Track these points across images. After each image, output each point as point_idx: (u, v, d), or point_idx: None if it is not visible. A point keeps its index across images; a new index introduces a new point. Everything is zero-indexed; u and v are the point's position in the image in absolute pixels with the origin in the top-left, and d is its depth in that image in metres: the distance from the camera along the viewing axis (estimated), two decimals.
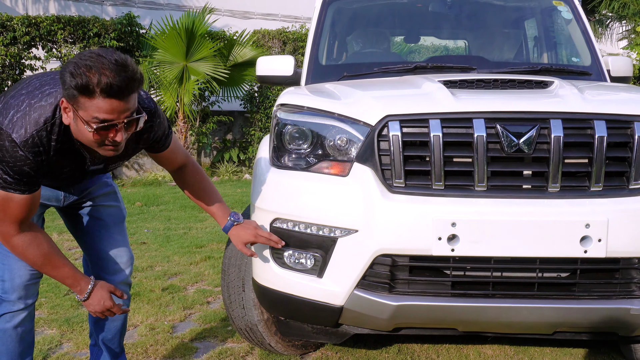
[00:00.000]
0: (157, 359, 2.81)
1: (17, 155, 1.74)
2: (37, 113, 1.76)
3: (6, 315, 2.07)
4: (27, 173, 1.78)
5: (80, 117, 1.68)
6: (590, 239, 2.00)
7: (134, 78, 1.67)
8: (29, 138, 1.74)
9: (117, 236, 2.30)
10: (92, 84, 1.61)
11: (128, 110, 1.70)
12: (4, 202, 1.81)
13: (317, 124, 2.29)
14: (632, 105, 2.13)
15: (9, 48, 8.85)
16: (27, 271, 2.06)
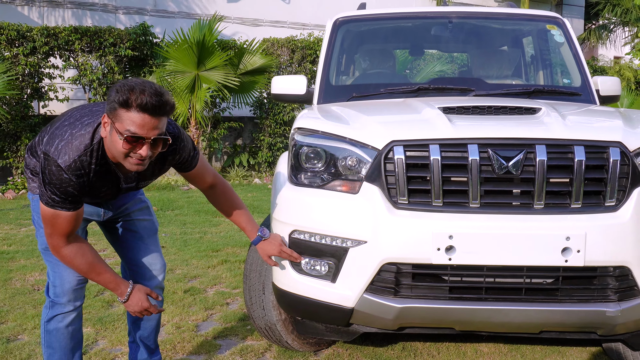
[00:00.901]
0: (185, 354, 3.11)
1: (62, 178, 2.03)
2: (78, 141, 2.06)
3: (58, 316, 2.37)
4: (71, 193, 2.07)
5: (115, 128, 1.97)
6: (570, 250, 2.29)
7: (167, 102, 1.98)
8: (72, 163, 2.04)
9: (151, 246, 2.60)
10: (131, 99, 1.93)
11: (157, 130, 2.00)
12: (53, 219, 2.11)
13: (331, 147, 2.58)
14: (607, 133, 2.42)
15: (28, 57, 9.19)
16: (74, 277, 2.36)
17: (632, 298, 2.36)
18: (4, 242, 5.78)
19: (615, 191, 2.35)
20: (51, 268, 2.36)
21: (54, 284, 2.36)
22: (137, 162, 2.04)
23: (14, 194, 8.94)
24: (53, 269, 2.36)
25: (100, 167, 2.12)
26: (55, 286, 2.36)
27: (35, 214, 2.35)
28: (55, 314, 2.38)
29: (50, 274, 2.37)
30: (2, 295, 4.07)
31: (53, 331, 2.38)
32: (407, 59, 7.57)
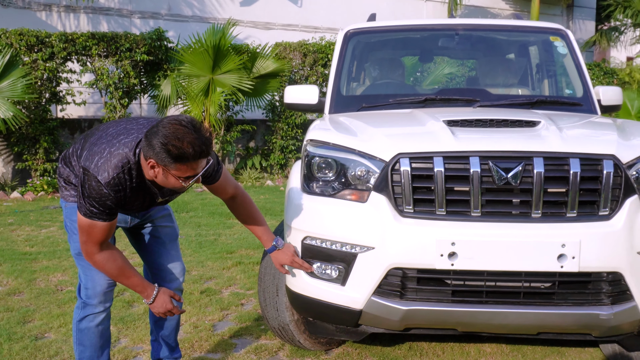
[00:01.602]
0: (203, 353, 3.29)
1: (102, 193, 2.22)
2: (116, 159, 2.24)
3: (89, 316, 2.56)
4: (109, 206, 2.26)
5: (172, 174, 2.16)
6: (565, 256, 2.44)
7: (210, 144, 2.16)
8: (111, 179, 2.22)
9: (172, 251, 2.79)
10: (188, 155, 2.10)
11: (205, 162, 2.23)
12: (89, 228, 2.29)
13: (341, 158, 2.74)
14: (602, 145, 2.57)
15: (47, 62, 9.43)
16: (105, 281, 2.54)
17: (624, 302, 2.51)
18: (26, 243, 6.00)
19: (609, 201, 2.50)
20: (83, 272, 2.54)
21: (86, 287, 2.54)
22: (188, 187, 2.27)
23: (33, 196, 9.18)
24: (85, 273, 2.54)
25: (137, 185, 2.31)
26: (87, 289, 2.54)
27: (68, 220, 2.54)
28: (87, 314, 2.56)
29: (83, 277, 2.56)
30: (28, 295, 4.27)
31: (84, 330, 2.56)
32: (416, 64, 7.72)
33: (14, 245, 5.87)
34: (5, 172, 9.94)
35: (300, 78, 11.50)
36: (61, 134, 10.17)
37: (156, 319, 2.84)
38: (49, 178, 9.56)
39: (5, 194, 9.24)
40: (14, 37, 9.23)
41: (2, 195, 9.13)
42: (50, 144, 9.61)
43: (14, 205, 8.55)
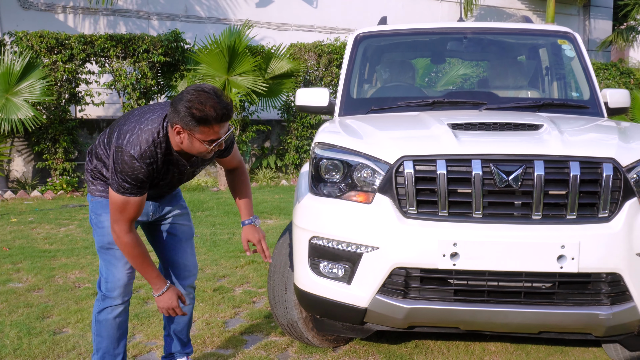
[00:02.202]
0: (214, 348, 3.39)
1: (135, 166, 2.35)
2: (146, 134, 2.39)
3: (108, 308, 2.67)
4: (141, 179, 2.39)
5: (197, 138, 2.33)
6: (565, 257, 2.50)
7: (231, 109, 2.34)
8: (143, 153, 2.37)
9: (188, 249, 2.90)
10: (211, 117, 2.27)
11: (226, 127, 2.39)
12: (122, 205, 2.42)
13: (347, 160, 2.83)
14: (601, 149, 2.62)
15: (66, 64, 9.62)
16: (125, 275, 2.66)
17: (623, 302, 2.56)
18: (46, 241, 6.16)
19: (608, 203, 2.56)
20: (105, 265, 2.66)
21: (107, 280, 2.66)
22: (212, 152, 2.44)
23: (52, 195, 9.38)
24: (107, 267, 2.66)
25: (165, 157, 2.45)
26: (108, 282, 2.66)
27: (94, 215, 2.65)
28: (106, 307, 2.68)
29: (104, 270, 2.67)
30: (47, 291, 4.41)
31: (103, 321, 2.68)
32: (430, 65, 7.76)
33: (34, 243, 6.03)
34: (26, 171, 10.15)
35: (315, 79, 11.58)
36: (80, 134, 10.37)
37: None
38: (68, 177, 9.75)
39: (26, 192, 9.44)
40: (34, 40, 9.43)
41: (23, 194, 9.33)
42: (69, 143, 9.80)
43: (34, 203, 8.74)
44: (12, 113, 8.79)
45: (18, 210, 8.09)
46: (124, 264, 2.65)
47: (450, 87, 10.02)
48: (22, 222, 7.25)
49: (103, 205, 2.62)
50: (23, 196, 9.29)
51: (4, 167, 9.72)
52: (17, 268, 5.06)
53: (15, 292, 4.36)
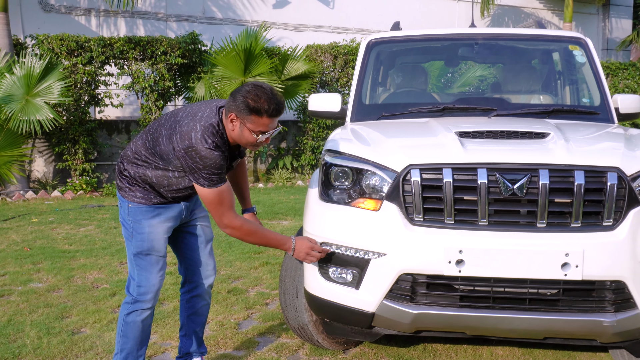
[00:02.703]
0: (227, 350, 3.47)
1: (214, 155, 2.53)
2: (209, 129, 2.56)
3: (137, 311, 2.76)
4: (221, 165, 2.57)
5: (247, 127, 2.55)
6: (569, 265, 2.54)
7: (283, 106, 2.60)
8: (212, 143, 2.54)
9: (208, 250, 3.02)
10: (263, 109, 2.51)
11: (275, 123, 2.62)
12: (219, 197, 2.60)
13: (356, 168, 2.89)
14: (606, 158, 2.65)
15: (86, 66, 9.79)
16: (158, 281, 2.78)
17: (628, 309, 2.59)
18: (65, 241, 6.30)
19: (613, 212, 2.59)
20: (139, 271, 2.76)
21: (140, 285, 2.75)
22: (257, 146, 2.65)
23: (72, 195, 9.56)
24: (140, 272, 2.76)
25: (226, 147, 2.65)
26: (141, 287, 2.75)
27: (132, 221, 2.73)
28: (136, 309, 2.77)
29: (137, 276, 2.76)
30: (66, 292, 4.53)
31: (131, 323, 2.77)
32: (445, 68, 7.78)
33: (54, 244, 6.17)
34: (46, 171, 10.35)
35: (331, 80, 11.65)
36: (99, 134, 10.55)
37: (189, 313, 3.04)
38: (87, 177, 9.93)
39: (47, 192, 9.63)
40: (55, 42, 9.61)
41: (44, 194, 9.53)
42: (89, 144, 9.98)
43: (55, 203, 8.92)
44: (31, 114, 8.98)
45: (39, 211, 8.26)
46: (157, 270, 2.77)
47: (467, 88, 10.03)
48: (42, 222, 7.41)
49: (143, 212, 2.72)
50: (44, 196, 9.48)
51: (26, 168, 9.92)
52: (38, 268, 5.19)
53: (36, 292, 4.49)
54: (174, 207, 2.78)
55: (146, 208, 2.72)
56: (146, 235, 2.72)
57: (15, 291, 4.54)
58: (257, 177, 11.70)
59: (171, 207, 2.77)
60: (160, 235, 2.76)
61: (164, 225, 2.76)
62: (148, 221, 2.72)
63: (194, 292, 3.02)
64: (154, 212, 2.73)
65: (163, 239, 2.78)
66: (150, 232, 2.73)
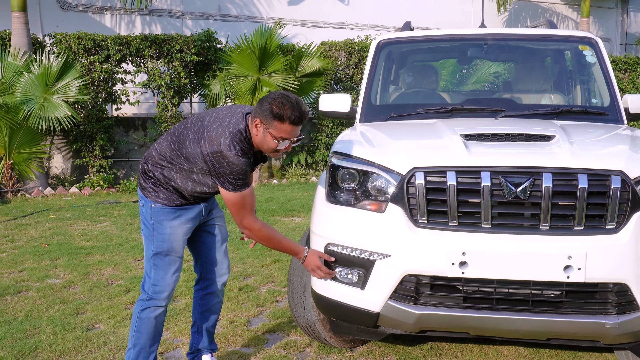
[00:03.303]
0: (237, 347, 3.55)
1: (241, 162, 2.63)
2: (237, 136, 2.65)
3: (151, 308, 2.85)
4: (247, 170, 2.67)
5: (270, 133, 2.64)
6: (572, 268, 2.57)
7: (306, 116, 2.67)
8: (240, 150, 2.64)
9: (224, 248, 3.11)
10: (286, 115, 2.60)
11: (298, 131, 2.70)
12: (242, 201, 2.71)
13: (362, 170, 2.93)
14: (610, 161, 2.67)
15: (103, 64, 9.92)
16: (173, 281, 2.86)
17: (630, 312, 2.61)
18: (82, 237, 6.42)
19: (616, 215, 2.61)
20: (156, 270, 2.84)
21: (155, 284, 2.84)
22: (278, 154, 2.75)
23: (89, 191, 9.71)
24: (157, 271, 2.84)
25: (252, 153, 2.74)
26: (157, 285, 2.84)
27: (154, 221, 2.81)
28: (150, 306, 2.86)
29: (153, 275, 2.84)
30: (82, 288, 4.63)
31: (144, 319, 2.86)
32: (457, 66, 7.78)
33: (71, 240, 6.30)
34: (64, 167, 10.52)
35: (346, 76, 11.68)
36: (116, 131, 10.68)
37: (203, 310, 3.11)
38: (104, 174, 10.08)
39: (65, 188, 9.79)
40: (73, 41, 9.75)
41: (62, 190, 9.68)
42: (105, 141, 10.12)
43: (73, 199, 9.07)
44: (50, 112, 9.13)
45: (57, 207, 8.41)
46: (174, 270, 2.87)
47: (482, 84, 10.00)
48: (60, 218, 7.55)
49: (165, 213, 2.81)
50: (62, 192, 9.63)
51: (44, 164, 10.09)
52: (55, 264, 5.31)
53: (53, 288, 4.60)
54: (194, 208, 2.86)
55: (169, 209, 2.80)
56: (167, 236, 2.81)
57: (33, 287, 4.66)
58: (271, 174, 11.77)
59: (191, 209, 2.86)
60: (180, 237, 2.85)
61: (185, 226, 2.85)
62: (170, 222, 2.81)
63: (208, 289, 3.10)
64: (175, 214, 2.81)
65: (182, 240, 2.87)
66: (171, 234, 2.81)
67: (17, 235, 6.58)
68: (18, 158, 9.23)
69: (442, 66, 7.01)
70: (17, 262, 5.41)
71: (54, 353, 3.40)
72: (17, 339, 3.61)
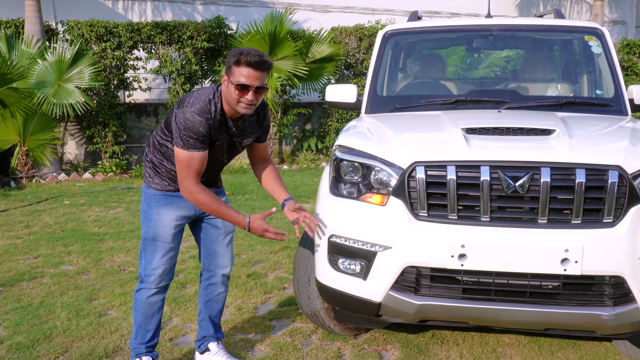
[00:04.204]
0: (244, 333, 3.65)
1: (195, 121, 2.66)
2: (203, 97, 2.73)
3: (142, 290, 2.98)
4: (202, 133, 2.69)
5: (230, 81, 2.65)
6: (568, 261, 2.62)
7: (266, 60, 2.65)
8: (201, 109, 2.68)
9: (227, 241, 3.17)
10: (241, 58, 2.62)
11: (258, 81, 2.65)
12: (189, 160, 2.72)
13: (365, 164, 2.99)
14: (608, 156, 2.70)
15: (115, 51, 10.00)
16: (161, 265, 2.95)
17: (626, 304, 2.67)
18: (95, 224, 6.55)
19: (613, 209, 2.65)
20: (144, 255, 2.96)
21: (144, 267, 2.97)
22: (246, 106, 2.69)
23: (102, 177, 9.84)
24: (146, 256, 2.96)
25: (220, 117, 2.75)
26: (145, 269, 2.97)
27: (146, 205, 2.95)
28: (141, 288, 3.00)
29: (142, 258, 2.97)
30: (94, 274, 4.76)
31: (138, 300, 3.00)
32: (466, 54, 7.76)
33: (84, 226, 6.43)
34: (78, 153, 10.66)
35: (356, 62, 11.67)
36: (128, 118, 10.79)
37: (206, 300, 3.21)
38: (117, 160, 10.21)
39: (78, 174, 9.94)
40: (85, 28, 9.84)
41: (76, 176, 9.83)
42: (118, 127, 10.24)
43: (86, 185, 9.21)
44: (63, 98, 9.24)
45: (71, 192, 8.55)
46: (161, 256, 2.94)
47: (493, 68, 9.97)
48: (74, 204, 7.69)
49: (156, 199, 2.92)
50: (75, 178, 9.78)
51: (58, 150, 10.23)
52: (69, 251, 5.44)
53: (66, 275, 4.73)
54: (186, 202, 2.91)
55: (160, 195, 2.91)
56: (154, 222, 2.91)
57: (48, 273, 4.79)
58: (282, 159, 11.85)
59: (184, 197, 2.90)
60: (168, 224, 2.92)
61: (174, 213, 2.93)
62: (158, 208, 2.91)
63: (211, 280, 3.18)
64: (165, 200, 2.92)
65: (171, 227, 2.93)
66: (158, 220, 2.91)
67: (32, 221, 6.73)
68: (32, 144, 9.37)
69: (453, 52, 7.00)
70: (32, 248, 5.55)
71: (68, 338, 3.53)
72: (33, 324, 3.73)
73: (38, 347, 3.42)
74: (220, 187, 3.17)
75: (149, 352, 3.06)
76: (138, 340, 3.04)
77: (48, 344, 3.46)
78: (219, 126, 2.77)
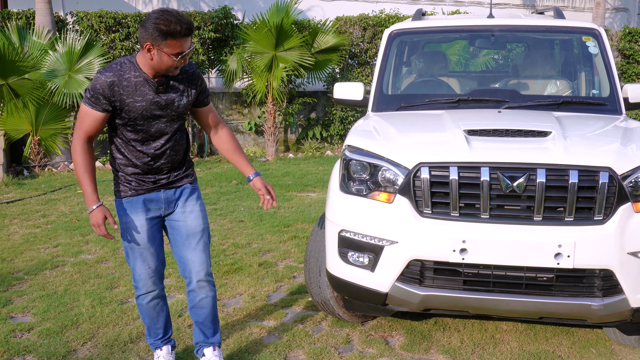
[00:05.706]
0: (258, 320, 3.88)
1: (96, 78, 2.70)
2: (113, 62, 2.77)
3: (141, 296, 3.07)
4: (98, 89, 2.68)
5: (165, 52, 2.63)
6: (561, 255, 2.84)
7: (190, 23, 2.66)
8: (106, 68, 2.73)
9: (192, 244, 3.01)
10: (176, 31, 2.59)
11: (188, 43, 2.69)
12: (82, 114, 2.76)
13: (373, 163, 3.21)
14: (600, 158, 2.92)
15: (123, 42, 10.18)
16: (144, 271, 2.97)
17: (614, 295, 2.90)
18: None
19: (603, 208, 2.87)
20: (129, 261, 2.99)
21: (133, 275, 3.03)
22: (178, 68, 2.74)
23: None
24: (129, 262, 2.99)
25: (130, 74, 2.73)
26: (134, 277, 3.04)
27: (117, 215, 2.96)
28: (139, 294, 3.08)
29: (130, 265, 3.02)
30: (113, 263, 4.99)
31: (140, 305, 3.12)
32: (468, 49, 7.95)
33: None
34: None
35: (360, 51, 11.82)
36: None
37: (191, 306, 3.12)
38: None
39: None
40: (94, 19, 10.00)
41: None
42: None
43: (97, 174, 9.40)
44: (74, 89, 9.44)
45: None
46: (142, 261, 2.96)
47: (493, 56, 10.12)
48: None
49: (122, 208, 2.91)
50: None
51: (69, 140, 10.44)
52: (86, 240, 5.68)
53: (86, 264, 4.97)
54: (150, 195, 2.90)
55: (125, 203, 2.90)
56: (125, 232, 2.91)
57: (68, 262, 5.02)
58: (287, 147, 12.04)
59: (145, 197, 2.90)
60: (139, 229, 2.90)
61: (141, 217, 2.90)
62: (126, 217, 2.89)
63: (189, 287, 3.08)
64: (130, 207, 2.89)
65: (142, 231, 2.90)
66: (127, 228, 2.90)
67: (49, 210, 6.96)
68: (44, 134, 9.58)
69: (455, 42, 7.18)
70: (52, 237, 5.79)
71: (94, 325, 3.77)
72: (60, 311, 3.97)
73: (67, 332, 3.67)
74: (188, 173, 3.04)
75: (167, 342, 3.23)
76: (152, 338, 3.21)
77: (76, 330, 3.70)
78: (136, 86, 2.74)
